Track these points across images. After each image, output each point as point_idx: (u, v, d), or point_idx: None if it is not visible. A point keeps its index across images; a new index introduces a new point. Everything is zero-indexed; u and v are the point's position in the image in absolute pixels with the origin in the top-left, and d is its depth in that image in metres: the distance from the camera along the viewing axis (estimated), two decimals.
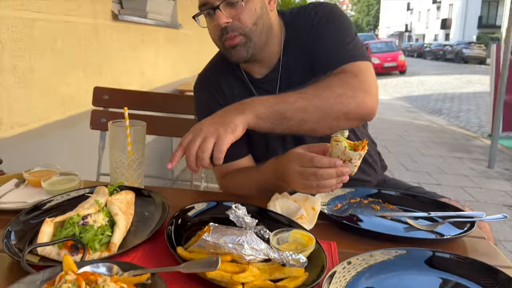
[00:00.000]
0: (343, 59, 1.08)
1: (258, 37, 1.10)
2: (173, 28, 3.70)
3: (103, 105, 1.69)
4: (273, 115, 0.97)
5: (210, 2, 1.06)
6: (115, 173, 1.02)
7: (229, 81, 1.24)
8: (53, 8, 1.89)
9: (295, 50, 1.17)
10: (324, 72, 1.08)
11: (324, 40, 1.12)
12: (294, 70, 1.17)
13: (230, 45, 1.09)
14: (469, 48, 26.35)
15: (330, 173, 0.88)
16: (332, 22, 1.13)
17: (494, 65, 5.17)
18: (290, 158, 0.95)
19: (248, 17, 1.07)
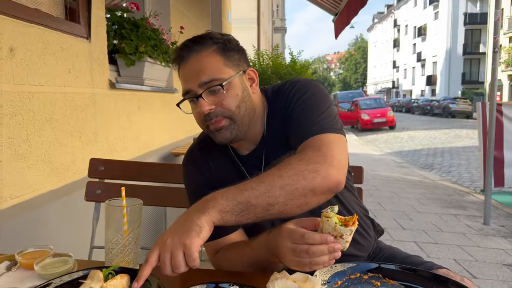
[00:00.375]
0: (306, 135, 1.08)
1: (241, 120, 1.14)
2: (169, 93, 3.79)
3: (99, 176, 1.69)
4: (237, 206, 0.93)
5: (193, 91, 1.11)
6: (110, 254, 1.00)
7: (216, 157, 1.26)
8: (52, 81, 1.95)
9: (276, 127, 1.20)
10: (294, 149, 1.10)
11: (294, 119, 1.14)
12: (277, 145, 1.19)
13: (215, 128, 1.13)
14: (455, 103, 27.22)
15: (322, 250, 0.87)
16: (304, 100, 1.15)
17: (481, 122, 5.32)
18: (281, 234, 0.94)
19: (231, 102, 1.11)
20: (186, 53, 1.12)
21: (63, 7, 2.15)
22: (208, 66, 1.10)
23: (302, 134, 1.09)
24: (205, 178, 1.24)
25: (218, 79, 1.10)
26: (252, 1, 15.65)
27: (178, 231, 0.91)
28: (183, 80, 1.15)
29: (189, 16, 4.68)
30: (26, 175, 1.75)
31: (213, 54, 1.12)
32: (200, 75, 1.10)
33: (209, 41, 1.13)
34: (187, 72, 1.13)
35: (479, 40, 40.48)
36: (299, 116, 1.13)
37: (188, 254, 0.87)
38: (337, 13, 6.41)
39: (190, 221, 0.92)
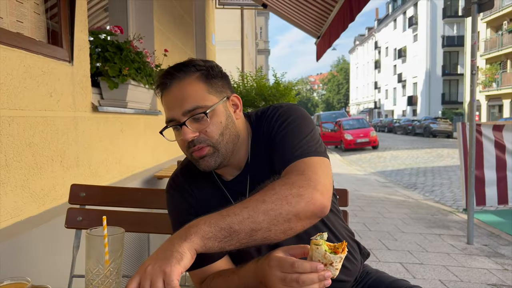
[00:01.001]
0: (289, 159, 1.07)
1: (225, 147, 1.14)
2: (153, 115, 3.77)
3: (80, 202, 1.65)
4: (220, 232, 0.91)
5: (176, 119, 1.11)
6: (91, 286, 0.97)
7: (200, 183, 1.25)
8: (32, 105, 1.91)
9: (260, 152, 1.21)
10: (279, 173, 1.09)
11: (277, 144, 1.14)
12: (261, 170, 1.19)
13: (198, 156, 1.12)
14: (436, 123, 27.81)
15: (312, 279, 0.86)
16: (287, 125, 1.15)
17: (462, 142, 5.43)
18: (270, 263, 0.92)
19: (215, 130, 1.11)
20: (168, 80, 1.12)
21: (45, 31, 2.14)
22: (191, 94, 1.10)
23: (286, 159, 1.08)
24: (188, 204, 1.23)
25: (201, 106, 1.10)
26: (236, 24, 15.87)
27: (159, 259, 0.89)
28: (167, 107, 1.14)
29: (173, 39, 4.71)
30: (4, 201, 1.70)
31: (196, 82, 1.12)
32: (184, 103, 1.09)
33: (192, 68, 1.13)
34: (170, 100, 1.12)
35: (457, 62, 41.74)
36: (283, 141, 1.13)
37: (167, 282, 0.85)
38: (319, 36, 6.54)
39: (171, 248, 0.90)
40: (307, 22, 6.58)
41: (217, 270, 1.17)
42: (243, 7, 10.89)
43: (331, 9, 5.06)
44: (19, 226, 1.76)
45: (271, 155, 1.16)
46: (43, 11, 2.11)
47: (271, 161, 1.16)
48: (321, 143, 1.15)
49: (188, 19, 5.77)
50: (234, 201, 1.21)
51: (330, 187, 1.04)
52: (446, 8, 41.48)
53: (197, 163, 1.15)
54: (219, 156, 1.13)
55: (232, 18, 15.82)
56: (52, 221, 1.92)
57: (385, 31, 56.86)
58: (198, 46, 6.91)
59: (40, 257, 1.87)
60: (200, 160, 1.13)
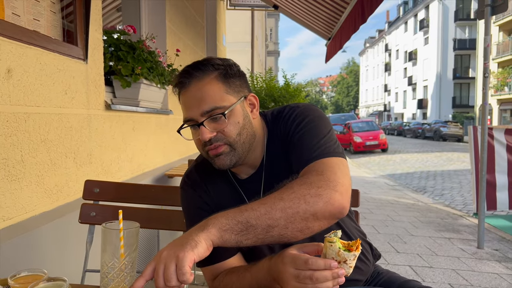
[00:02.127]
0: (308, 159, 1.07)
1: (242, 146, 1.14)
2: (164, 114, 3.80)
3: (93, 198, 1.68)
4: (237, 226, 0.92)
5: (194, 119, 1.12)
6: (106, 278, 0.98)
7: (214, 181, 1.26)
8: (48, 102, 1.95)
9: (276, 151, 1.21)
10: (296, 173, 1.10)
11: (295, 144, 1.14)
12: (277, 170, 1.20)
13: (214, 154, 1.13)
14: (446, 126, 27.53)
15: (326, 276, 0.86)
16: (304, 125, 1.16)
17: (473, 146, 5.37)
18: (284, 260, 0.93)
19: (232, 129, 1.11)
20: (187, 80, 1.12)
21: (61, 29, 2.17)
22: (210, 94, 1.10)
23: (304, 159, 1.09)
24: (202, 201, 1.24)
25: (220, 107, 1.10)
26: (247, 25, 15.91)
27: (175, 245, 0.91)
28: (184, 107, 1.14)
29: (185, 39, 4.74)
30: (19, 196, 1.73)
31: (214, 81, 1.12)
32: (202, 104, 1.10)
33: (210, 68, 1.13)
34: (188, 100, 1.13)
35: (468, 65, 41.34)
36: (301, 141, 1.13)
37: (179, 267, 0.86)
38: (330, 37, 6.53)
39: (188, 237, 0.92)
40: (318, 23, 6.57)
41: (229, 267, 1.17)
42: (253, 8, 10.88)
43: (342, 11, 5.05)
44: (34, 220, 1.79)
45: (288, 155, 1.16)
46: (59, 9, 2.14)
47: (288, 161, 1.16)
48: (338, 144, 1.15)
49: (199, 20, 5.81)
50: (248, 200, 1.22)
51: (349, 187, 1.03)
52: (458, 10, 41.13)
53: (213, 161, 1.15)
54: (235, 155, 1.14)
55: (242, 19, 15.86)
56: (66, 217, 1.95)
57: (395, 33, 56.54)
58: (209, 47, 6.95)
59: (54, 251, 1.90)
60: (215, 159, 1.14)
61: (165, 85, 3.40)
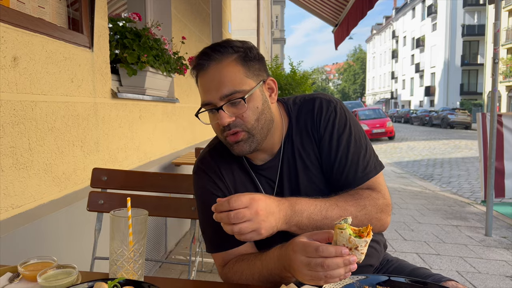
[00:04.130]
0: (363, 176, 1.16)
1: (260, 132, 1.12)
2: (170, 102, 3.79)
3: (101, 186, 1.68)
4: (311, 228, 1.03)
5: (213, 103, 1.08)
6: (115, 266, 0.98)
7: (229, 166, 1.23)
8: (54, 90, 1.94)
9: (297, 142, 1.19)
10: (343, 185, 1.16)
11: (340, 155, 1.16)
12: (294, 159, 1.19)
13: (233, 141, 1.11)
14: (454, 114, 27.27)
15: (337, 263, 0.85)
16: (347, 133, 1.17)
17: (481, 133, 5.32)
18: (294, 248, 0.92)
19: (251, 115, 1.09)
20: (206, 61, 1.08)
21: (66, 17, 2.15)
22: (229, 77, 1.07)
23: (358, 175, 1.16)
24: (216, 187, 1.21)
25: (239, 91, 1.07)
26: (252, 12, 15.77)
27: (268, 219, 0.98)
28: (203, 90, 1.11)
29: (190, 27, 4.70)
30: (28, 184, 1.73)
31: (233, 64, 1.08)
32: (221, 87, 1.06)
33: (230, 50, 1.09)
34: (207, 83, 1.09)
35: (477, 52, 40.79)
36: (348, 154, 1.16)
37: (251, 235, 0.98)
38: (337, 24, 6.46)
39: (274, 222, 1.00)
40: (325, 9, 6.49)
41: (240, 254, 1.17)
42: None
43: None
44: (42, 209, 1.80)
45: (324, 156, 1.18)
46: None
47: (319, 157, 1.18)
48: (373, 149, 1.22)
49: (204, 7, 5.75)
50: (262, 186, 1.21)
51: None
52: None
53: (231, 148, 1.13)
54: (254, 142, 1.12)
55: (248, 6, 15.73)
56: (74, 205, 1.96)
57: (403, 20, 55.82)
58: (214, 34, 6.89)
59: (63, 239, 1.91)
60: (234, 145, 1.12)
61: (171, 73, 3.38)
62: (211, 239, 1.21)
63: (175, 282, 1.15)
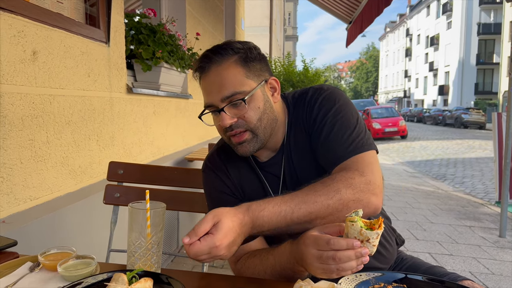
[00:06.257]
0: (344, 155, 1.08)
1: (263, 132, 1.13)
2: (184, 98, 3.81)
3: (118, 179, 1.70)
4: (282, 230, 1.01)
5: (215, 105, 1.10)
6: (132, 257, 1.00)
7: (235, 164, 1.25)
8: (72, 85, 1.97)
9: (297, 135, 1.20)
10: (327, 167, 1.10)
11: (325, 136, 1.12)
12: (297, 153, 1.19)
13: (237, 141, 1.12)
14: (468, 113, 26.89)
15: (349, 256, 0.85)
16: (333, 115, 1.13)
17: (497, 133, 5.25)
18: (306, 242, 0.93)
19: (253, 115, 1.10)
20: (206, 64, 1.10)
21: (83, 12, 2.18)
22: (229, 79, 1.08)
23: (339, 154, 1.09)
24: (224, 184, 1.24)
25: (240, 92, 1.08)
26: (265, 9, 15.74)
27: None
28: (205, 92, 1.13)
29: (204, 23, 4.71)
30: (46, 177, 1.76)
31: (233, 66, 1.09)
32: (222, 89, 1.08)
33: (230, 51, 1.10)
34: (208, 85, 1.11)
35: (492, 50, 40.12)
36: (332, 133, 1.11)
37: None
38: (351, 21, 6.41)
39: None
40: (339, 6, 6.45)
41: (251, 250, 1.17)
42: None
43: None
44: (59, 201, 1.83)
45: (314, 144, 1.15)
46: None
47: (311, 145, 1.16)
48: (367, 131, 1.15)
49: (218, 4, 5.76)
50: (268, 183, 1.22)
51: (382, 184, 1.06)
52: None
53: (235, 148, 1.15)
54: (258, 142, 1.13)
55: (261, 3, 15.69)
56: (90, 197, 1.98)
57: (417, 18, 55.17)
58: (227, 31, 6.90)
59: (79, 231, 1.94)
60: (238, 146, 1.13)
61: (185, 69, 3.39)
62: None
63: (190, 275, 1.16)
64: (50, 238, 1.70)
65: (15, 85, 1.57)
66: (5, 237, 1.18)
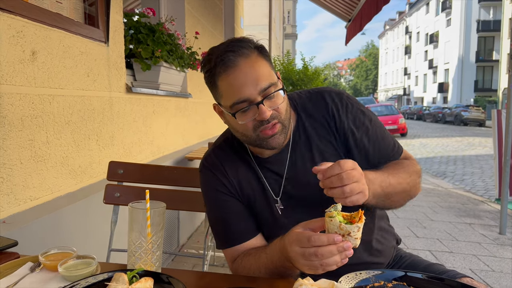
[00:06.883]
0: (398, 149, 1.27)
1: (288, 123, 1.13)
2: (183, 98, 3.81)
3: (118, 179, 1.70)
4: (383, 197, 1.09)
5: (251, 99, 1.04)
6: (133, 257, 1.00)
7: (233, 163, 1.23)
8: (71, 84, 1.97)
9: (313, 134, 1.20)
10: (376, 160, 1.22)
11: (369, 135, 1.21)
12: (312, 151, 1.19)
13: (270, 134, 1.08)
14: (468, 111, 26.90)
15: (331, 251, 0.86)
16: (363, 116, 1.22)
17: (496, 130, 5.25)
18: (290, 239, 0.94)
19: (283, 106, 1.10)
20: (233, 57, 1.04)
21: (82, 12, 2.18)
22: (262, 71, 1.05)
23: (394, 150, 1.26)
24: (221, 184, 1.22)
25: (273, 83, 1.06)
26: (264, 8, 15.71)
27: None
28: (235, 87, 1.04)
29: (203, 22, 4.71)
30: (45, 177, 1.76)
31: (260, 58, 1.07)
32: (258, 81, 1.04)
33: (251, 45, 1.08)
34: (240, 78, 1.04)
35: (492, 48, 40.10)
36: (377, 135, 1.22)
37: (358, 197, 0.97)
38: (351, 19, 6.40)
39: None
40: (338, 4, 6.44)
41: (248, 248, 1.18)
42: None
43: None
44: (59, 201, 1.83)
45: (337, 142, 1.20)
46: None
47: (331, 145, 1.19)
48: None
49: (217, 2, 5.76)
50: (267, 181, 1.21)
51: None
52: None
53: (266, 142, 1.10)
54: (285, 132, 1.12)
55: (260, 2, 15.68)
56: (90, 197, 1.99)
57: (416, 15, 55.13)
58: (227, 30, 6.90)
59: (79, 231, 1.94)
60: (269, 139, 1.09)
61: (185, 68, 3.39)
62: (220, 236, 1.22)
63: (190, 274, 1.17)
64: (51, 238, 1.70)
65: (15, 86, 1.57)
66: (5, 237, 1.18)
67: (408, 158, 1.28)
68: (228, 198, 1.21)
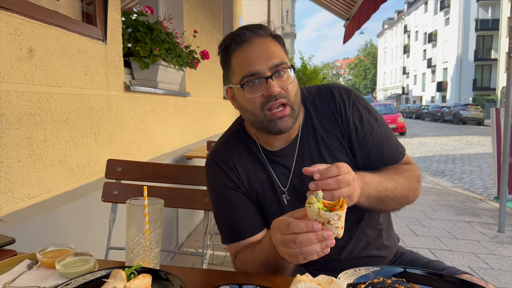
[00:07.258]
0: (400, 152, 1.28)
1: (298, 109, 1.14)
2: (181, 96, 3.80)
3: (116, 177, 1.69)
4: (376, 200, 1.10)
5: (261, 72, 1.08)
6: (131, 254, 0.99)
7: (241, 157, 1.23)
8: (69, 83, 1.96)
9: (320, 128, 1.20)
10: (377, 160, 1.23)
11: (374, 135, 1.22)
12: (318, 145, 1.19)
13: (279, 115, 1.09)
14: (466, 109, 26.93)
15: (310, 238, 0.84)
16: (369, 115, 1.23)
17: (495, 129, 5.26)
18: (273, 226, 0.94)
19: (292, 88, 1.11)
20: (248, 34, 1.10)
21: (80, 10, 2.17)
22: (276, 50, 1.11)
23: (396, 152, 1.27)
24: (229, 179, 1.21)
25: (285, 63, 1.10)
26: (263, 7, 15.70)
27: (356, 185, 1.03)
28: (247, 61, 1.09)
29: (202, 21, 4.70)
30: (43, 175, 1.76)
31: (274, 41, 1.13)
32: (270, 57, 1.09)
33: (267, 30, 1.14)
34: (253, 53, 1.09)
35: (490, 46, 40.14)
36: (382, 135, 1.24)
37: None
38: (349, 18, 6.40)
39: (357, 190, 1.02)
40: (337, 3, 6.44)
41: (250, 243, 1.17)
42: None
43: None
44: (58, 199, 1.83)
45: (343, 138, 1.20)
46: None
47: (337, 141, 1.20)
48: None
49: (216, 1, 5.74)
50: (276, 175, 1.20)
51: None
52: None
53: (274, 124, 1.10)
54: (294, 117, 1.12)
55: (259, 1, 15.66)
56: (88, 196, 1.98)
57: (415, 14, 55.16)
58: (225, 28, 6.89)
59: (77, 229, 1.94)
60: (278, 121, 1.09)
61: (183, 67, 3.38)
62: (225, 230, 1.22)
63: (189, 271, 1.16)
64: (48, 236, 1.70)
65: (12, 83, 1.56)
66: (3, 235, 1.18)
67: (409, 163, 1.29)
68: (236, 193, 1.20)
